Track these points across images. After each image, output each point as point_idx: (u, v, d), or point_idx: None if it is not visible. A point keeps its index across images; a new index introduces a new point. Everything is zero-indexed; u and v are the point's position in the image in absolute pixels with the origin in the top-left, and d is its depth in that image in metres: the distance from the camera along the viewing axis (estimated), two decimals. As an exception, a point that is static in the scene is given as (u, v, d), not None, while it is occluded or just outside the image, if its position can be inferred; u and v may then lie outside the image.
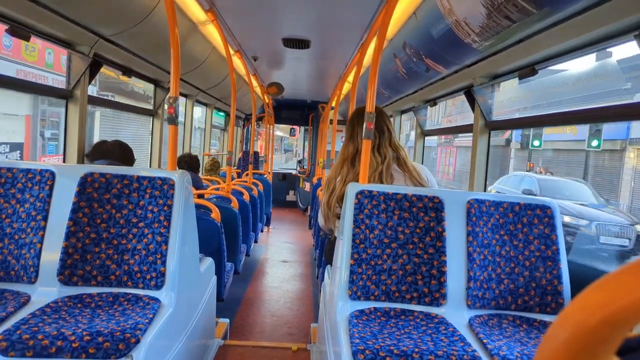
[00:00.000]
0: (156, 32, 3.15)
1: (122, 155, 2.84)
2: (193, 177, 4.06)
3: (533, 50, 2.32)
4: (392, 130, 2.45)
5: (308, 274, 5.68)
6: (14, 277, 2.00)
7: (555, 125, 2.72)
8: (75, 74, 2.93)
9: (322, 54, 5.14)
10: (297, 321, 4.03)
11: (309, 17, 3.75)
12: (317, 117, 10.26)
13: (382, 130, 2.40)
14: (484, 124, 3.12)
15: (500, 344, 1.70)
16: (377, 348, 1.57)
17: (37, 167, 2.13)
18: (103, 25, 2.84)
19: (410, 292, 2.02)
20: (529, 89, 14.77)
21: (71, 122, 2.95)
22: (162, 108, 4.41)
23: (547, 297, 2.03)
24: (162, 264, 2.03)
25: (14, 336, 1.53)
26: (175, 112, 2.28)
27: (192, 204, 2.34)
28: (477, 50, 2.58)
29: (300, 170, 11.36)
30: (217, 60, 4.77)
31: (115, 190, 2.12)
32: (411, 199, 2.09)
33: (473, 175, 3.16)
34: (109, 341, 1.57)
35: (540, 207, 2.13)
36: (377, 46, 2.24)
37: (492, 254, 2.08)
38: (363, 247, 2.03)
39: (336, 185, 2.44)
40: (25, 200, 2.08)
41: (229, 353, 2.92)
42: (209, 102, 6.62)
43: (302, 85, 7.95)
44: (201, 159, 6.35)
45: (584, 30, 1.91)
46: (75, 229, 2.04)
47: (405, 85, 4.32)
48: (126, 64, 3.50)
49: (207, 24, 3.80)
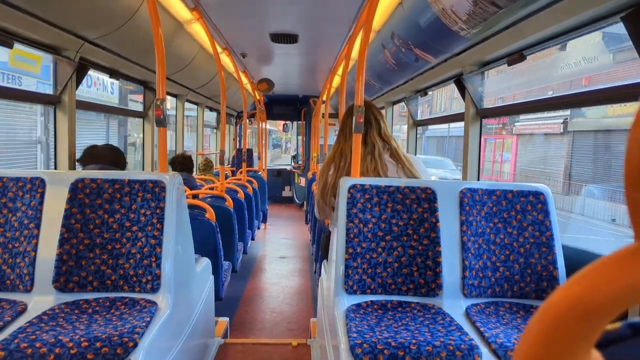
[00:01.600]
0: (142, 33, 3.12)
1: (113, 159, 2.83)
2: (187, 177, 4.05)
3: (521, 35, 2.32)
4: (381, 121, 2.44)
5: (306, 269, 5.69)
6: (10, 286, 1.99)
7: (544, 110, 2.72)
8: (62, 79, 2.90)
9: (311, 48, 5.11)
10: (297, 316, 4.04)
11: (295, 12, 3.73)
12: (309, 112, 10.23)
13: (369, 121, 2.40)
14: (475, 112, 3.11)
15: (497, 332, 1.71)
16: (375, 341, 1.57)
17: (27, 175, 2.12)
18: (88, 29, 2.81)
19: (406, 284, 2.02)
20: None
21: (60, 128, 2.93)
22: (152, 110, 4.39)
23: (543, 283, 2.04)
24: (157, 266, 2.02)
25: (12, 345, 1.53)
26: (163, 114, 2.26)
27: (184, 205, 2.33)
28: (465, 38, 2.57)
29: (295, 165, 11.36)
30: (205, 59, 4.75)
31: (106, 195, 2.11)
32: (404, 190, 2.09)
33: (466, 165, 3.16)
34: (107, 346, 1.57)
35: (533, 193, 2.13)
36: (364, 38, 2.22)
37: (487, 242, 2.08)
38: (357, 241, 2.03)
39: (328, 177, 2.44)
40: (17, 209, 2.07)
41: (229, 351, 2.93)
42: (200, 101, 6.59)
43: (293, 80, 7.93)
44: (195, 158, 6.33)
45: (571, 13, 1.90)
46: (69, 236, 2.03)
47: (395, 76, 4.31)
48: (113, 66, 3.47)
49: (193, 23, 3.77)
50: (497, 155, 19.93)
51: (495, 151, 20.00)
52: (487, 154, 19.29)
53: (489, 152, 19.77)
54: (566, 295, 0.28)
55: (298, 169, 10.95)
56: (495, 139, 19.89)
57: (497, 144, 19.95)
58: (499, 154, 19.76)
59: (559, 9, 1.97)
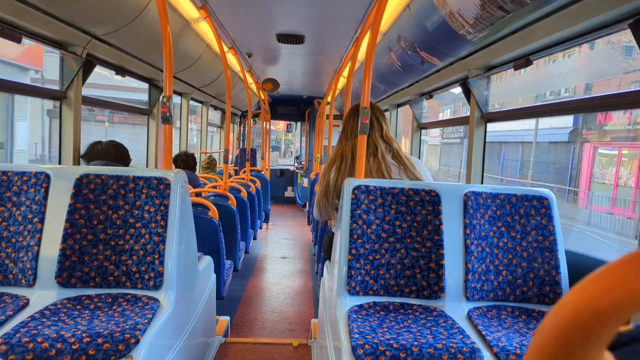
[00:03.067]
0: (149, 31, 3.13)
1: (117, 156, 2.84)
2: (190, 175, 4.06)
3: (527, 40, 2.32)
4: (383, 123, 2.45)
5: (307, 269, 5.69)
6: (12, 280, 2.00)
7: (549, 115, 2.72)
8: (68, 74, 2.91)
9: (317, 49, 5.12)
10: (298, 317, 4.04)
11: (302, 12, 3.73)
12: (313, 113, 10.24)
13: (371, 123, 2.40)
14: (480, 116, 3.11)
15: (499, 335, 1.70)
16: (377, 342, 1.57)
17: (32, 169, 2.12)
18: (95, 25, 2.82)
19: (408, 286, 2.02)
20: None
21: (66, 123, 2.94)
22: (157, 107, 4.40)
23: (545, 287, 2.03)
24: (160, 263, 2.02)
25: (13, 339, 1.53)
26: (169, 111, 2.27)
27: (188, 202, 2.33)
28: (472, 41, 2.57)
29: (298, 166, 11.37)
30: (211, 58, 4.75)
31: (111, 191, 2.11)
32: (408, 192, 2.09)
33: (470, 168, 3.15)
34: (109, 342, 1.57)
35: (537, 197, 2.13)
36: (371, 40, 2.23)
37: (490, 245, 2.08)
38: (361, 242, 2.03)
39: (330, 179, 2.44)
40: (21, 203, 2.07)
41: (230, 350, 2.93)
42: (205, 99, 6.59)
43: (298, 81, 7.93)
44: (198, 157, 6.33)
45: (579, 19, 1.90)
46: (72, 231, 2.03)
47: (401, 78, 4.30)
48: (119, 63, 3.48)
49: (200, 21, 3.77)
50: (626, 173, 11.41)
51: (620, 167, 11.56)
52: (599, 168, 11.72)
53: (603, 167, 11.62)
54: (582, 296, 0.28)
55: (301, 169, 10.96)
56: (612, 147, 11.56)
57: (615, 157, 11.20)
58: (613, 169, 11.57)
59: (566, 14, 1.97)
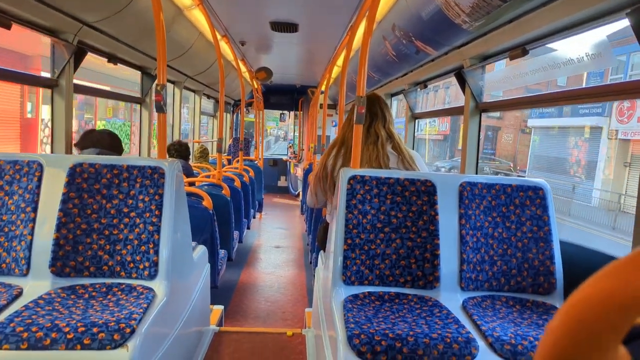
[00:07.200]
0: (141, 18, 3.09)
1: (111, 144, 2.81)
2: (184, 165, 4.03)
3: (524, 30, 2.31)
4: (387, 115, 2.45)
5: (301, 259, 5.70)
6: (5, 269, 1.98)
7: (545, 105, 2.72)
8: (59, 62, 2.86)
9: (311, 37, 5.08)
10: (292, 306, 4.05)
11: (296, 0, 3.69)
12: (306, 102, 10.19)
13: (375, 114, 2.41)
14: (474, 106, 3.11)
15: (494, 325, 1.71)
16: (372, 332, 1.58)
17: (25, 158, 2.09)
18: (87, 12, 2.77)
19: (404, 276, 2.03)
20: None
21: (57, 111, 2.90)
22: (150, 96, 4.35)
23: (540, 277, 2.05)
24: (154, 253, 2.01)
25: (7, 329, 1.52)
26: (163, 100, 2.24)
27: (183, 192, 2.31)
28: (467, 31, 2.56)
29: (291, 155, 11.34)
30: (204, 46, 4.70)
31: (105, 180, 2.09)
32: (403, 183, 2.09)
33: (464, 158, 3.16)
34: (104, 332, 1.56)
35: (532, 188, 2.14)
36: (367, 29, 2.21)
37: (485, 236, 2.09)
38: (356, 232, 2.03)
39: (328, 161, 2.44)
40: (13, 192, 2.05)
41: (224, 339, 2.93)
42: (198, 88, 6.54)
43: (291, 70, 7.88)
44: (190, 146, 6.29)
45: (576, 8, 1.89)
46: (66, 220, 2.02)
47: (395, 67, 4.29)
48: (111, 51, 3.43)
49: (193, 9, 3.73)
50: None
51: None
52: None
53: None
54: (599, 288, 0.28)
55: (294, 158, 10.94)
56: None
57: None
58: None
59: (563, 3, 1.96)
